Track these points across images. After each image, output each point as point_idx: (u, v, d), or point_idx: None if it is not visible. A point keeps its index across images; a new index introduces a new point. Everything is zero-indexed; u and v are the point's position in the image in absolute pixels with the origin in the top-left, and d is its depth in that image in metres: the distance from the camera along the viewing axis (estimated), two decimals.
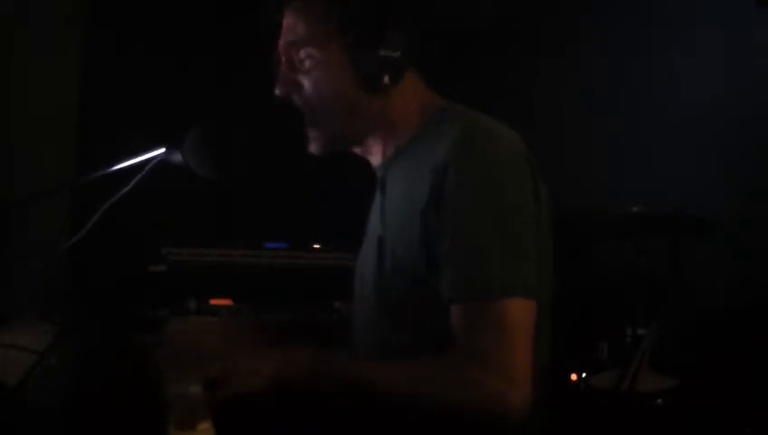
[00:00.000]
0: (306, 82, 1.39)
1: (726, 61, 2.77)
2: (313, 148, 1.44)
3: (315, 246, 2.77)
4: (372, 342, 1.39)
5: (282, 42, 1.41)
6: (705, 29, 2.84)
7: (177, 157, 1.47)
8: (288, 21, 1.40)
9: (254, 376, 1.21)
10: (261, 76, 1.47)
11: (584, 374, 2.41)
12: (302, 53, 1.38)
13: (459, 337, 1.21)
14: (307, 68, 1.39)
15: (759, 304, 2.45)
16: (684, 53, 2.90)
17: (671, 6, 2.97)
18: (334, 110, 1.39)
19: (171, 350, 1.49)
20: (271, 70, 1.44)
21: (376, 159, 1.47)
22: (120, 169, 1.47)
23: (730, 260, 2.70)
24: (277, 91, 1.42)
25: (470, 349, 1.19)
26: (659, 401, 2.22)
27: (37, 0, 2.78)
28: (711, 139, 2.78)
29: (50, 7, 2.83)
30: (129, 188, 1.47)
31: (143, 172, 1.47)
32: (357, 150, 1.49)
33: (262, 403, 1.24)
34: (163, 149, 1.48)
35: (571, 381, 2.43)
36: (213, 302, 2.50)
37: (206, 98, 2.84)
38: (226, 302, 2.52)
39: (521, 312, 1.20)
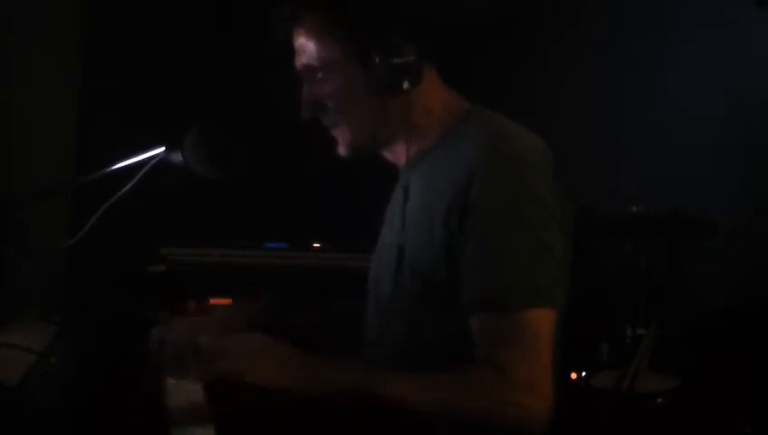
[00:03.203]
0: (328, 100, 1.39)
1: (726, 61, 2.77)
2: (342, 150, 1.43)
3: (315, 245, 2.77)
4: (385, 343, 1.39)
5: (297, 65, 1.41)
6: (705, 29, 2.83)
7: (177, 156, 1.47)
8: (298, 43, 1.39)
9: (265, 382, 1.18)
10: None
11: (584, 373, 2.41)
12: (319, 73, 1.38)
13: (481, 347, 1.20)
14: (326, 86, 1.38)
15: (759, 304, 2.45)
16: (684, 53, 2.89)
17: (671, 7, 2.97)
18: (360, 117, 1.39)
19: (169, 349, 1.49)
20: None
21: (401, 161, 1.46)
22: (120, 168, 1.47)
23: (730, 260, 2.70)
24: (303, 115, 1.42)
25: (493, 360, 1.17)
26: (659, 400, 2.22)
27: (37, 0, 2.78)
28: (711, 139, 2.77)
29: (50, 7, 2.82)
30: (128, 188, 1.47)
31: (143, 172, 1.46)
32: (385, 154, 1.48)
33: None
34: (163, 149, 1.48)
35: (570, 380, 2.42)
36: (213, 302, 2.50)
37: (206, 98, 2.84)
38: (226, 302, 2.52)
39: (544, 322, 1.19)
